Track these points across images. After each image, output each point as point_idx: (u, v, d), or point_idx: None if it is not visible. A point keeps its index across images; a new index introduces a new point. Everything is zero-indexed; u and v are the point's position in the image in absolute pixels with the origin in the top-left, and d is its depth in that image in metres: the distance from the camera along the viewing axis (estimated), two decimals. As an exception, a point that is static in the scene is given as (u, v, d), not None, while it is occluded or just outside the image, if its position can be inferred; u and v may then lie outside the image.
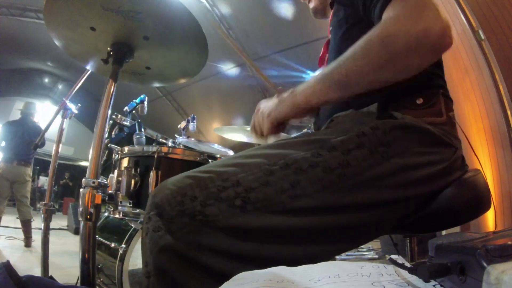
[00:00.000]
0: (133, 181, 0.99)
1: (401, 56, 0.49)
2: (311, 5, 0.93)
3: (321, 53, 0.85)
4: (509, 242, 0.26)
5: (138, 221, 1.26)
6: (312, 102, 0.58)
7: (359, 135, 0.53)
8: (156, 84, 1.11)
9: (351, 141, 0.53)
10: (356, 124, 0.56)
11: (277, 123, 0.63)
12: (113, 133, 1.61)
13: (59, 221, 4.95)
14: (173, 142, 1.58)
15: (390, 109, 0.59)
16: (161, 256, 0.46)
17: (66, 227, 4.92)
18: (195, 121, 1.74)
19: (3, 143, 3.41)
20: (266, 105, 0.65)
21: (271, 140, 0.68)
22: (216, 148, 1.63)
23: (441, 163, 0.56)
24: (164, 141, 1.57)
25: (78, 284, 0.78)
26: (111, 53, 0.87)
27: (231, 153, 1.52)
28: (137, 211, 1.01)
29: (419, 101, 0.60)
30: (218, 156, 1.13)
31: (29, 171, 3.50)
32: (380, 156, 0.52)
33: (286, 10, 5.11)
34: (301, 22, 5.04)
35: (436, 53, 0.51)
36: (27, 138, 3.39)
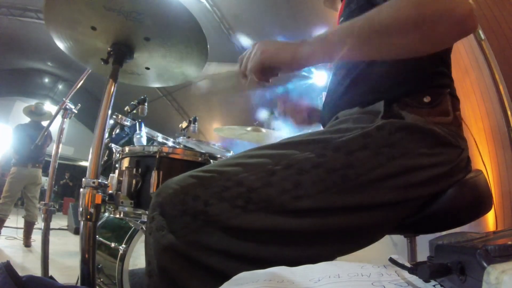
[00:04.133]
0: (134, 181, 0.98)
1: (430, 20, 0.47)
2: None
3: None
4: (509, 242, 0.26)
5: (139, 221, 1.26)
6: (319, 54, 0.54)
7: (364, 136, 0.53)
8: (155, 85, 1.11)
9: (355, 142, 0.52)
10: (361, 124, 0.55)
11: (268, 66, 0.57)
12: (113, 133, 1.61)
13: (59, 221, 4.94)
14: (174, 142, 1.58)
15: (396, 107, 0.58)
16: (164, 255, 0.46)
17: (66, 227, 4.90)
18: (196, 122, 1.75)
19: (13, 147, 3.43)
20: (267, 43, 0.59)
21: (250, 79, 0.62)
22: (217, 148, 1.63)
23: (445, 165, 0.55)
24: (165, 141, 1.57)
25: (78, 284, 0.78)
26: (111, 53, 0.87)
27: (232, 153, 1.52)
28: (139, 211, 1.01)
29: (426, 99, 0.58)
30: (219, 156, 1.13)
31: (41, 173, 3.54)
32: (384, 157, 0.52)
33: (288, 9, 5.10)
34: (303, 21, 5.04)
35: (462, 29, 0.49)
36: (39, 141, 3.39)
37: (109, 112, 0.87)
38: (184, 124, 1.76)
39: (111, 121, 1.53)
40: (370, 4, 0.64)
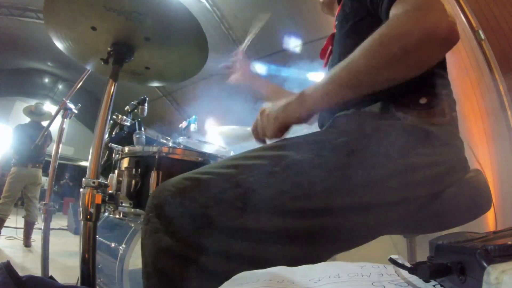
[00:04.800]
0: (133, 181, 0.98)
1: (413, 51, 0.48)
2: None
3: (324, 44, 0.85)
4: (509, 242, 0.26)
5: (139, 222, 1.26)
6: (321, 105, 0.56)
7: (361, 137, 0.53)
8: (155, 84, 1.11)
9: (353, 143, 0.53)
10: (358, 125, 0.56)
11: (283, 128, 0.61)
12: (113, 132, 1.61)
13: (59, 221, 4.94)
14: (174, 142, 1.58)
15: (392, 109, 0.59)
16: (161, 257, 0.46)
17: (66, 227, 4.91)
18: (196, 122, 1.75)
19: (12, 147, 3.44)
20: (272, 108, 0.62)
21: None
22: (217, 148, 1.63)
23: (443, 165, 0.56)
24: (164, 141, 1.57)
25: (78, 284, 0.78)
26: (111, 53, 0.87)
27: (232, 153, 1.51)
28: (138, 211, 1.01)
29: (423, 101, 0.59)
30: (218, 156, 1.12)
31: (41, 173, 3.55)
32: (382, 158, 0.52)
33: (286, 10, 5.10)
34: (302, 22, 5.04)
35: (446, 47, 0.50)
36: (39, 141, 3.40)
37: (109, 112, 0.87)
38: (184, 124, 1.76)
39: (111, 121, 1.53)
40: (362, 9, 0.64)
